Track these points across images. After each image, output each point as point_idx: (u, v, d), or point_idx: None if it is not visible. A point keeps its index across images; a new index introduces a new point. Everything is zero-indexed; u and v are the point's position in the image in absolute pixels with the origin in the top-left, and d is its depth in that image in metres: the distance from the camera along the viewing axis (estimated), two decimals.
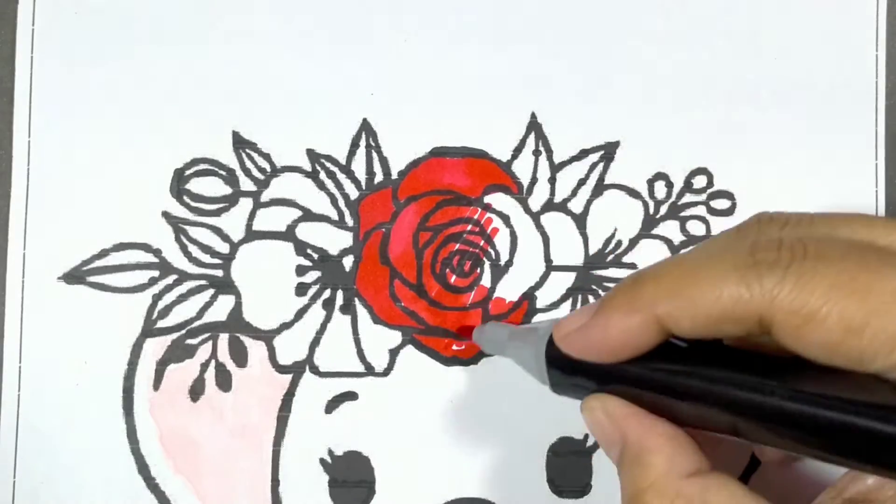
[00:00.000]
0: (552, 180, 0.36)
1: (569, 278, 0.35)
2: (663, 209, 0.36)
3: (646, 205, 0.36)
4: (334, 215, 0.35)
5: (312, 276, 0.35)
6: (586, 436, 0.35)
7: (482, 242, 0.35)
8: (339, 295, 0.35)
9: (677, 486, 0.23)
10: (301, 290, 0.35)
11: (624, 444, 0.24)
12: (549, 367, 0.26)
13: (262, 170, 0.35)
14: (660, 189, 0.36)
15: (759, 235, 0.24)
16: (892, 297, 0.20)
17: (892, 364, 0.21)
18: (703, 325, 0.23)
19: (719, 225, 0.36)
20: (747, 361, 0.23)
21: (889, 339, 0.20)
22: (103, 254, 0.35)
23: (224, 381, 0.35)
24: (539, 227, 0.35)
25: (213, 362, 0.35)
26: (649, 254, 0.35)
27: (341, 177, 0.35)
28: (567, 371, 0.26)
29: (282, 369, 0.35)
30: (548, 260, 0.35)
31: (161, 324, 0.35)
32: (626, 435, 0.24)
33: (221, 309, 0.35)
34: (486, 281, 0.35)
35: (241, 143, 0.35)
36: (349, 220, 0.35)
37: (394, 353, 0.35)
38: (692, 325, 0.23)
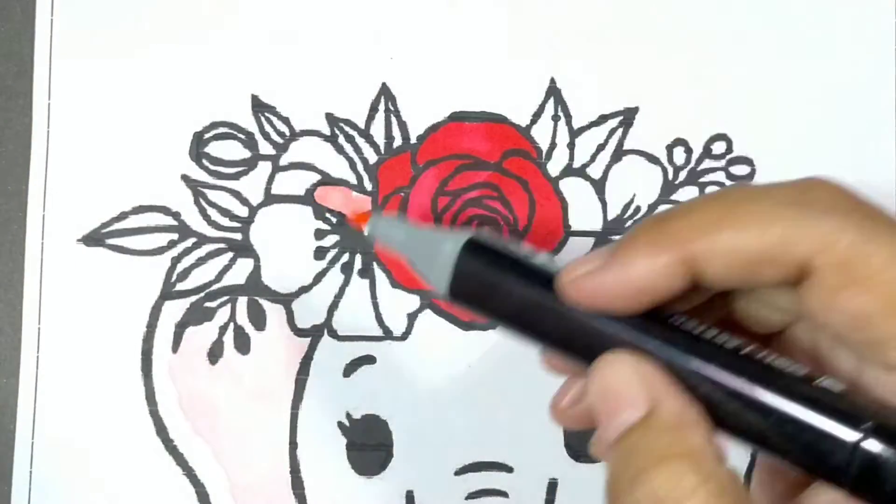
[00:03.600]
0: (571, 145, 0.35)
1: (587, 244, 0.35)
2: (682, 175, 0.36)
3: (665, 170, 0.36)
4: (353, 179, 0.35)
5: (331, 239, 0.35)
6: None
7: (500, 207, 0.35)
8: (358, 259, 0.35)
9: (713, 467, 0.20)
10: (320, 253, 0.35)
11: (652, 410, 0.21)
12: (456, 278, 0.24)
13: (281, 133, 0.35)
14: (679, 155, 0.36)
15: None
16: None
17: None
18: (738, 268, 0.21)
19: None
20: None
21: None
22: (123, 216, 0.35)
23: (242, 344, 0.35)
24: (558, 192, 0.35)
25: (231, 325, 0.35)
26: None
27: (360, 141, 0.35)
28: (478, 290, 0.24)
29: (300, 333, 0.35)
30: (566, 225, 0.35)
31: (180, 286, 0.35)
32: (661, 401, 0.21)
33: (240, 272, 0.35)
34: None
35: (260, 107, 0.35)
36: (368, 185, 0.35)
37: (412, 317, 0.35)
38: (726, 269, 0.21)
